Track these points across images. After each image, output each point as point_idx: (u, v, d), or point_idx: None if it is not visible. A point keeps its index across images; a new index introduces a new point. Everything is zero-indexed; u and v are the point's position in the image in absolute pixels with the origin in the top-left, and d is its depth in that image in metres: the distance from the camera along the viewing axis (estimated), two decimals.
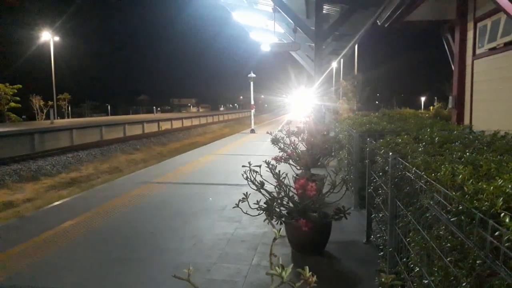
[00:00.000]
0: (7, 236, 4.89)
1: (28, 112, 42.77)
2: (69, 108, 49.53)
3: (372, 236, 4.27)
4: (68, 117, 46.41)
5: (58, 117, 39.44)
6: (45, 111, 38.69)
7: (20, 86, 35.79)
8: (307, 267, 1.10)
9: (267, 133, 6.81)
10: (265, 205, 4.05)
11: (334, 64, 34.69)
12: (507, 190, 1.59)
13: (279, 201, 4.13)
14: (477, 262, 1.54)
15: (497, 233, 1.41)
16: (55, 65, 34.72)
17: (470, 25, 7.62)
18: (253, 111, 22.26)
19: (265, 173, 4.34)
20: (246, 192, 3.95)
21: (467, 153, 2.58)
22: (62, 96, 44.01)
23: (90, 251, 4.37)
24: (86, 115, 63.38)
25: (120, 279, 3.66)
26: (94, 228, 5.11)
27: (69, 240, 4.66)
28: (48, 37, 35.50)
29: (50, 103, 37.37)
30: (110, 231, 5.02)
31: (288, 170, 4.74)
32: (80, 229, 5.07)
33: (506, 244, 1.34)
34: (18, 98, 35.96)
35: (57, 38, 36.35)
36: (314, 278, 1.09)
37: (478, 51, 7.45)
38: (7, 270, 3.84)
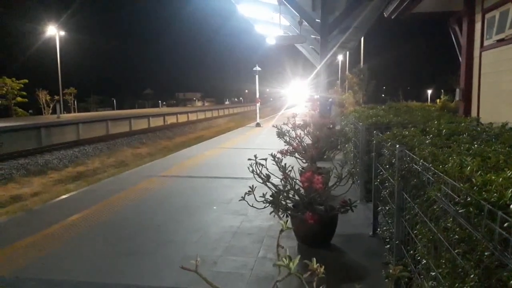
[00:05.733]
0: (15, 229, 4.95)
1: (34, 107, 43.16)
2: (75, 102, 49.84)
3: (378, 229, 4.27)
4: (74, 112, 46.70)
5: (64, 112, 39.68)
6: (51, 105, 38.96)
7: (27, 80, 36.10)
8: (314, 258, 1.10)
9: (273, 126, 6.79)
10: (271, 198, 4.05)
11: (340, 57, 34.52)
12: None
13: (285, 194, 4.13)
14: (485, 254, 1.53)
15: (506, 225, 1.40)
16: (61, 59, 34.87)
17: (478, 17, 7.52)
18: (258, 104, 22.21)
19: (271, 166, 4.34)
20: (252, 185, 3.95)
21: (475, 145, 2.56)
22: (68, 91, 44.29)
23: (97, 244, 4.41)
24: (92, 109, 63.79)
25: (127, 271, 3.69)
26: (101, 221, 5.15)
27: (76, 233, 4.71)
28: (53, 31, 35.60)
29: (56, 97, 37.63)
30: (117, 224, 5.06)
31: (294, 163, 4.73)
32: (87, 222, 5.12)
33: None
34: (24, 93, 36.30)
35: (62, 33, 36.48)
36: (322, 269, 1.08)
37: (486, 43, 7.35)
38: (16, 262, 3.89)
